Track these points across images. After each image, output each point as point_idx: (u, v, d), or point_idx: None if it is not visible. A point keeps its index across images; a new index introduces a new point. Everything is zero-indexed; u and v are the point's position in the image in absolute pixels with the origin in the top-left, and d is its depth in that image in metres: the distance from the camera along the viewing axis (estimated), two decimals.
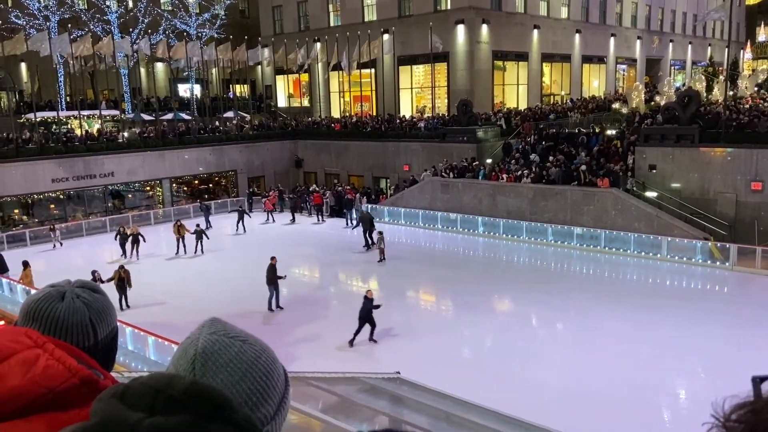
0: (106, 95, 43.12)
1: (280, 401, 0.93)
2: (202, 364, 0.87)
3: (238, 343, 0.91)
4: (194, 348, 0.89)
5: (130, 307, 18.18)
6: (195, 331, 0.93)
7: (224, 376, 0.87)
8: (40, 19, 39.08)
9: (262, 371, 0.90)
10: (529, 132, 31.99)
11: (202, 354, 0.88)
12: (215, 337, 0.91)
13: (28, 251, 25.58)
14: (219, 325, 0.94)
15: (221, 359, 0.88)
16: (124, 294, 18.16)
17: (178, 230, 24.98)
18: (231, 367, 0.88)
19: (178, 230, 24.98)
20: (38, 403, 1.04)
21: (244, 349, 0.91)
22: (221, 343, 0.90)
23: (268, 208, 31.28)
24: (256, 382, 0.89)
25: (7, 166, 28.93)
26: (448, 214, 28.62)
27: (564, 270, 23.06)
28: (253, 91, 49.35)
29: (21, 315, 1.25)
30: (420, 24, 37.81)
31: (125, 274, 18.16)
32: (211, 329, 0.92)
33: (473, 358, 15.47)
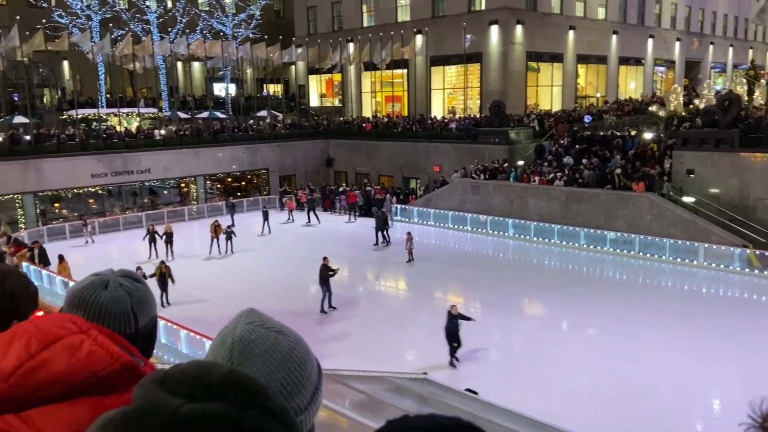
0: (144, 93, 44.04)
1: (313, 392, 0.95)
2: (240, 352, 0.90)
3: (273, 334, 0.94)
4: (232, 337, 0.92)
5: (170, 304, 18.38)
6: (232, 321, 0.96)
7: (260, 365, 0.90)
8: (82, 19, 40.12)
9: (296, 362, 0.93)
10: (562, 134, 31.58)
11: (240, 343, 0.91)
12: (252, 327, 0.94)
13: (67, 244, 26.31)
14: (255, 315, 0.97)
15: (257, 349, 0.91)
16: (165, 290, 18.36)
17: (215, 230, 24.80)
18: (267, 357, 0.91)
19: (215, 230, 24.80)
20: (82, 387, 1.08)
21: (280, 340, 0.93)
22: (257, 334, 0.93)
23: (290, 207, 31.31)
24: (291, 373, 0.92)
25: (50, 161, 29.78)
26: (478, 216, 28.44)
27: (596, 274, 22.72)
28: (287, 91, 49.82)
29: (66, 302, 1.30)
30: (453, 24, 37.65)
31: (166, 270, 18.37)
32: (248, 319, 0.95)
33: (502, 360, 15.35)
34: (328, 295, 17.79)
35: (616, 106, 38.91)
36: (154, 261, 21.70)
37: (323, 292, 17.72)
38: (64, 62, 43.67)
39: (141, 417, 0.76)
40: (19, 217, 29.57)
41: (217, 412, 0.75)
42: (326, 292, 17.74)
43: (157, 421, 0.74)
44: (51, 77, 40.76)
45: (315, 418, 0.97)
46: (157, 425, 0.74)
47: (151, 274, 18.12)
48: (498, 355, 15.96)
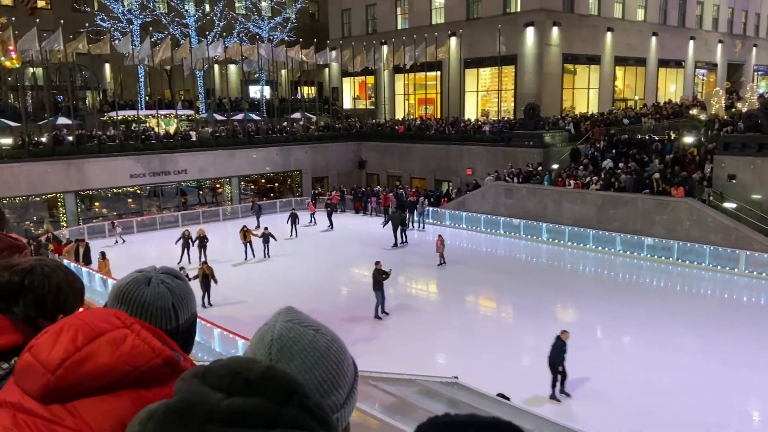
0: (182, 95, 44.89)
1: (349, 391, 0.96)
2: (278, 349, 0.92)
3: (311, 332, 0.95)
4: (271, 334, 0.94)
5: (212, 305, 18.45)
6: (271, 319, 0.98)
7: (298, 362, 0.91)
8: (123, 23, 41.14)
9: (333, 360, 0.94)
10: (598, 137, 31.07)
11: (278, 340, 0.93)
12: (290, 324, 0.95)
13: (106, 243, 26.98)
14: (294, 314, 0.98)
15: (296, 347, 0.92)
16: (207, 291, 18.43)
17: (244, 236, 24.31)
18: (304, 355, 0.92)
19: (245, 235, 24.30)
20: (125, 380, 1.11)
21: (317, 339, 0.95)
22: (296, 331, 0.94)
23: (312, 210, 31.20)
24: (327, 371, 0.93)
25: (91, 161, 30.61)
26: (511, 220, 28.19)
27: (633, 281, 22.28)
28: (320, 93, 50.20)
29: (110, 297, 1.34)
30: (488, 26, 37.42)
31: (209, 271, 18.46)
32: (287, 317, 0.97)
33: (534, 366, 15.13)
34: (382, 300, 17.39)
35: (655, 109, 38.11)
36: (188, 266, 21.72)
37: (377, 297, 17.30)
38: (105, 65, 44.85)
39: (182, 410, 0.78)
40: (61, 215, 30.46)
41: (255, 407, 0.77)
42: (380, 297, 17.34)
43: (197, 414, 0.76)
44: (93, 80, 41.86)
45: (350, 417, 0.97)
46: (197, 419, 0.76)
47: (195, 276, 18.20)
48: (530, 360, 15.76)
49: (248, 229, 24.59)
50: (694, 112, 35.19)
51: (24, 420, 1.07)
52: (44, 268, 1.45)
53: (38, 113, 36.44)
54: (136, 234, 30.10)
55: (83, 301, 1.52)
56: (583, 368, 14.32)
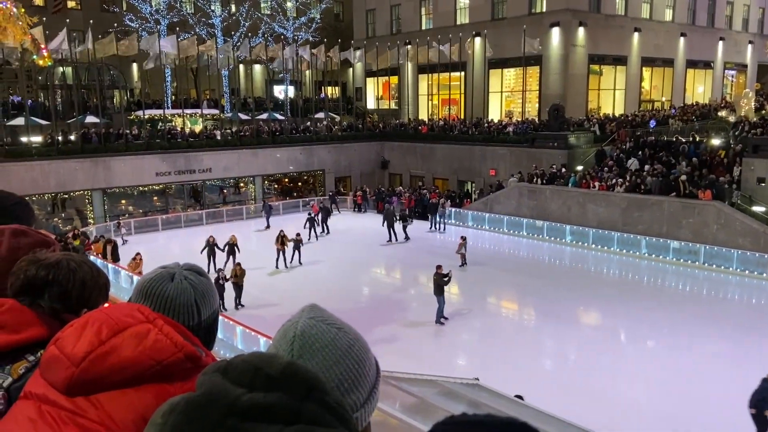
0: (207, 95, 45.41)
1: (370, 391, 0.96)
2: (300, 345, 0.93)
3: (333, 330, 0.95)
4: (293, 331, 0.95)
5: (244, 306, 18.39)
6: (295, 315, 0.99)
7: (319, 359, 0.92)
8: (151, 23, 41.74)
9: (354, 359, 0.95)
10: (624, 139, 30.66)
11: (301, 336, 0.93)
12: (313, 322, 0.96)
13: (131, 240, 27.40)
14: (317, 311, 0.99)
15: (317, 344, 0.93)
16: (239, 293, 18.38)
17: (281, 241, 22.67)
18: (326, 352, 0.93)
19: (282, 241, 22.68)
20: (147, 374, 1.13)
21: (339, 337, 0.95)
22: (318, 329, 0.95)
23: (315, 211, 29.94)
24: (348, 369, 0.93)
25: (118, 159, 31.11)
26: (534, 221, 27.95)
27: (658, 285, 21.93)
28: (344, 93, 50.35)
29: (135, 292, 1.36)
30: (513, 27, 37.15)
31: (240, 273, 18.42)
32: (310, 314, 0.98)
33: (555, 370, 15.02)
34: (443, 305, 17.00)
35: (683, 110, 37.48)
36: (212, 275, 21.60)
37: (439, 302, 16.89)
38: (133, 64, 45.54)
39: (204, 404, 0.79)
40: (88, 212, 31.01)
41: (276, 402, 0.77)
42: (442, 302, 16.93)
43: (218, 408, 0.77)
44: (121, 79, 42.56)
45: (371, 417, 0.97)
46: (218, 413, 0.77)
47: (229, 276, 18.24)
48: (552, 363, 15.63)
49: (285, 236, 22.87)
50: (722, 114, 34.57)
51: (48, 411, 1.10)
52: (70, 263, 1.47)
53: (67, 112, 37.14)
54: (161, 231, 30.52)
55: (108, 297, 1.55)
56: (605, 373, 14.15)
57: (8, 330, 1.33)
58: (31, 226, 2.04)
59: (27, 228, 1.77)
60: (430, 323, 17.61)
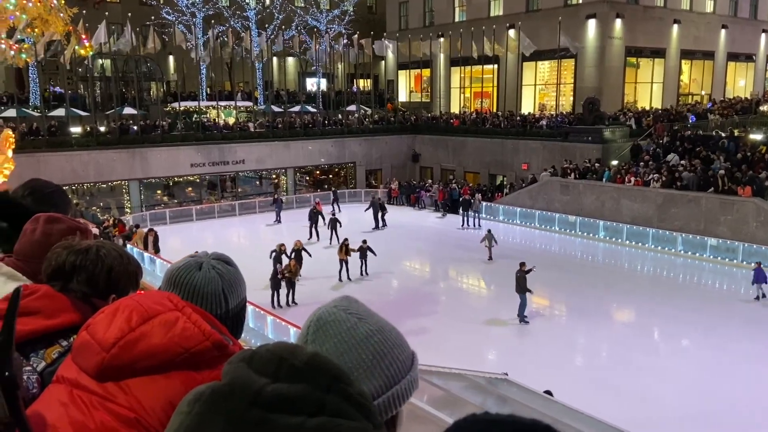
0: (241, 87, 45.86)
1: (390, 383, 0.95)
2: (314, 330, 0.95)
3: (353, 320, 0.96)
4: (313, 317, 0.98)
5: (297, 303, 17.86)
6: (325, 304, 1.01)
7: (330, 345, 0.93)
8: (187, 16, 42.30)
9: (370, 350, 0.94)
10: (661, 133, 29.95)
11: (316, 322, 0.96)
12: (334, 310, 0.98)
13: (167, 229, 27.92)
14: (345, 302, 1.00)
15: (332, 330, 0.95)
16: (292, 289, 17.96)
17: (345, 251, 20.52)
18: (339, 339, 0.94)
19: (345, 251, 20.53)
20: (175, 361, 1.15)
21: (358, 326, 0.96)
22: (336, 316, 0.96)
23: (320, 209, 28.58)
24: (361, 359, 0.93)
25: (154, 150, 31.70)
26: (567, 216, 27.56)
27: (694, 283, 21.45)
28: (376, 86, 50.30)
29: (164, 280, 1.38)
30: (548, 19, 36.55)
31: (294, 269, 18.08)
32: (335, 303, 1.00)
33: (586, 366, 14.84)
34: (525, 304, 16.70)
35: (723, 104, 36.41)
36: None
37: (521, 300, 16.62)
38: (170, 57, 46.24)
39: (228, 393, 0.80)
40: (125, 202, 31.71)
41: (300, 393, 0.78)
42: (524, 300, 16.62)
43: (243, 398, 0.78)
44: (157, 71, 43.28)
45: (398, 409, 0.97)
46: (242, 402, 0.78)
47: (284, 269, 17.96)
48: (582, 359, 15.45)
49: (348, 244, 20.66)
50: (764, 109, 33.43)
51: (80, 396, 1.12)
52: (99, 250, 1.51)
53: (106, 103, 37.94)
54: (194, 222, 31.03)
55: (138, 284, 1.58)
56: (638, 371, 13.91)
57: (42, 315, 1.37)
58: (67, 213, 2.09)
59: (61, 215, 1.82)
60: (460, 317, 17.56)
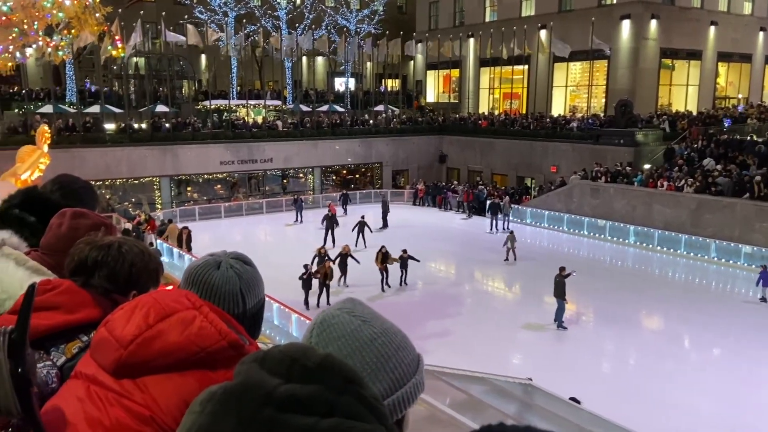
0: (271, 86, 46.26)
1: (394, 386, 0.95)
2: (318, 333, 0.95)
3: (357, 322, 0.96)
4: (317, 319, 0.98)
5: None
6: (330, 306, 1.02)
7: (334, 348, 0.93)
8: (219, 15, 42.83)
9: (374, 353, 0.94)
10: (696, 137, 29.31)
11: (320, 324, 0.96)
12: (338, 312, 0.97)
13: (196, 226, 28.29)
14: (349, 304, 1.00)
15: (336, 332, 0.94)
16: (327, 291, 17.41)
17: (382, 259, 19.06)
18: (342, 342, 0.93)
19: (383, 259, 19.07)
20: (191, 360, 1.14)
21: (362, 329, 0.95)
22: (340, 319, 0.96)
23: (333, 211, 27.88)
24: (365, 362, 0.93)
25: (185, 147, 32.20)
26: (596, 221, 27.15)
27: (727, 291, 20.94)
28: (404, 86, 50.27)
29: (183, 278, 1.38)
30: (581, 19, 36.08)
31: (330, 272, 17.56)
32: (339, 306, 0.99)
33: (613, 373, 14.59)
34: (563, 309, 16.44)
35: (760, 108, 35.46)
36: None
37: (559, 304, 16.40)
38: (202, 56, 46.87)
39: (240, 393, 0.79)
40: (156, 198, 32.26)
41: (313, 394, 0.77)
42: (562, 305, 16.37)
43: (254, 398, 0.77)
44: (190, 70, 43.89)
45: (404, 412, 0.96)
46: (254, 402, 0.77)
47: (316, 271, 17.52)
48: (610, 366, 15.20)
49: (387, 252, 19.21)
50: None
51: (96, 392, 1.12)
52: (122, 246, 1.52)
53: (139, 101, 38.63)
54: (223, 219, 31.42)
55: (159, 281, 1.58)
56: (669, 380, 13.63)
57: (64, 310, 1.38)
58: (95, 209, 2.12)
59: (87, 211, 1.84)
60: (484, 320, 17.44)
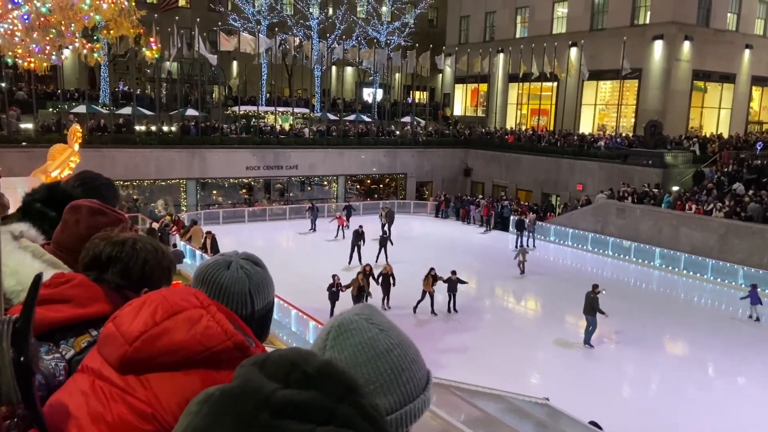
0: (300, 94, 46.75)
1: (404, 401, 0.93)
2: (335, 337, 0.93)
3: (375, 330, 0.94)
4: (334, 322, 0.96)
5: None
6: (346, 310, 0.99)
7: (349, 354, 0.91)
8: (252, 23, 43.48)
9: (389, 364, 0.92)
10: (726, 161, 28.79)
11: (338, 328, 0.94)
12: (357, 318, 0.95)
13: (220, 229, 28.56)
14: (367, 310, 0.98)
15: (353, 339, 0.92)
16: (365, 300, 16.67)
17: (432, 282, 18.01)
18: (358, 349, 0.92)
19: (432, 282, 18.01)
20: (196, 359, 1.13)
21: (379, 338, 0.93)
22: (358, 325, 0.94)
23: (341, 223, 28.08)
24: (379, 372, 0.91)
25: (213, 151, 32.62)
26: (621, 241, 26.75)
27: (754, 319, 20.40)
28: (432, 99, 50.35)
29: (193, 277, 1.38)
30: (612, 38, 35.82)
31: (364, 283, 16.94)
32: (357, 311, 0.98)
33: (635, 398, 14.29)
34: (593, 327, 16.21)
35: None
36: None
37: (589, 322, 16.19)
38: (233, 62, 47.59)
39: (237, 396, 0.77)
40: (182, 200, 32.70)
41: (310, 401, 0.75)
42: (592, 323, 16.13)
43: (252, 402, 0.76)
44: (221, 75, 44.54)
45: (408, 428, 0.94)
46: (251, 406, 0.75)
47: (346, 285, 16.91)
48: (630, 390, 14.90)
49: (436, 274, 18.07)
50: None
51: (101, 387, 1.12)
52: (136, 243, 1.52)
53: (170, 104, 39.31)
54: (246, 223, 31.70)
55: (170, 280, 1.58)
56: (690, 405, 13.31)
57: (75, 304, 1.38)
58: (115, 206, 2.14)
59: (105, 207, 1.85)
60: (504, 337, 17.25)
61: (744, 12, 37.70)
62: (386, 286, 18.13)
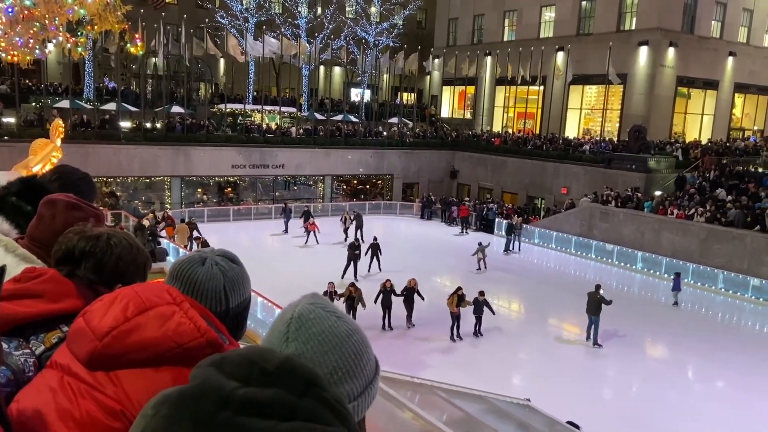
0: (287, 93, 46.55)
1: (366, 385, 0.95)
2: (296, 328, 0.92)
3: (333, 318, 0.94)
4: (291, 313, 0.94)
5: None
6: (296, 300, 0.98)
7: (314, 344, 0.91)
8: (240, 21, 43.22)
9: (351, 349, 0.93)
10: (708, 166, 29.15)
11: (298, 319, 0.93)
12: (313, 307, 0.95)
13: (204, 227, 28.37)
14: (319, 298, 0.98)
15: (315, 328, 0.92)
16: (352, 313, 15.96)
17: (456, 302, 16.68)
18: (322, 338, 0.92)
19: (457, 302, 16.68)
20: (167, 356, 1.12)
21: (338, 325, 0.94)
22: (317, 314, 0.94)
23: (312, 229, 27.31)
24: (344, 359, 0.92)
25: (198, 149, 32.38)
26: (604, 245, 26.98)
27: (733, 323, 20.69)
28: (419, 100, 50.43)
29: (168, 273, 1.36)
30: (598, 43, 36.12)
31: (356, 293, 16.42)
32: (311, 300, 0.97)
33: (615, 400, 14.42)
34: (596, 326, 16.26)
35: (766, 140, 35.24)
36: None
37: (591, 321, 16.24)
38: (220, 60, 47.26)
39: (195, 397, 0.75)
40: (166, 197, 32.40)
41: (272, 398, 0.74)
42: (595, 321, 16.12)
43: (211, 401, 0.74)
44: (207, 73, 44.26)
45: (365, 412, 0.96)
46: (211, 406, 0.73)
47: (340, 294, 16.45)
48: (611, 393, 15.03)
49: (463, 294, 16.88)
50: None
51: (69, 383, 1.10)
52: (111, 238, 1.50)
53: (156, 100, 38.94)
54: (231, 222, 31.50)
55: (146, 276, 1.56)
56: (669, 409, 13.45)
57: (46, 299, 1.36)
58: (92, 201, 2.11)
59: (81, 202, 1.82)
60: (487, 339, 17.29)
61: (728, 20, 38.22)
62: (409, 303, 16.95)
